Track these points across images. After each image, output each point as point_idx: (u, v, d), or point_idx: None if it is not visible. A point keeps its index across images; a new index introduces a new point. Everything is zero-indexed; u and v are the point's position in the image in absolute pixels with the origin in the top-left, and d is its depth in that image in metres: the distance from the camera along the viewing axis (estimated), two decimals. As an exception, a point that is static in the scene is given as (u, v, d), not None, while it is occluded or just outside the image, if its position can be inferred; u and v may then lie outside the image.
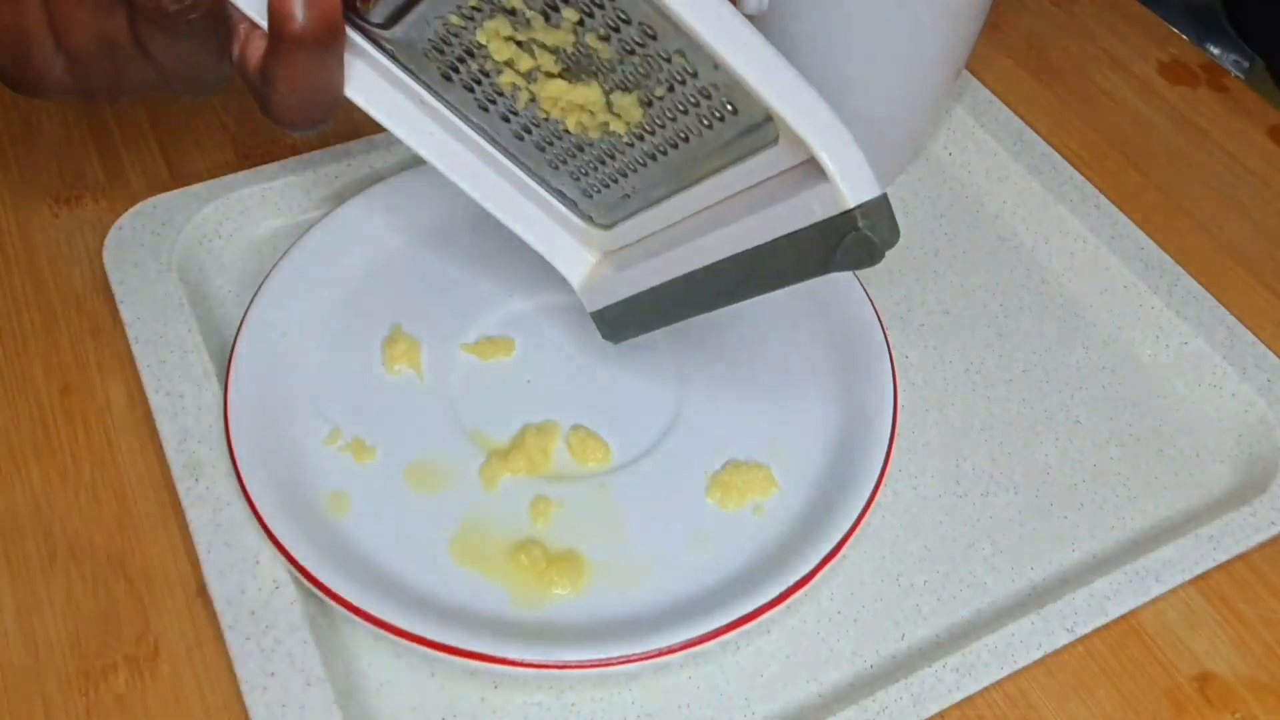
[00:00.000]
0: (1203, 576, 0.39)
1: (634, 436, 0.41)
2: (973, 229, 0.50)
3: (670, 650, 0.34)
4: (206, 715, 0.34)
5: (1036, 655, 0.36)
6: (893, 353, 0.42)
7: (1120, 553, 0.40)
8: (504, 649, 0.34)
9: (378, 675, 0.36)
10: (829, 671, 0.37)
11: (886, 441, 0.39)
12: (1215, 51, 0.66)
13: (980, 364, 0.45)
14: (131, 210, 0.45)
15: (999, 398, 0.44)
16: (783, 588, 0.35)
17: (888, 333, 0.42)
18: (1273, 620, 0.39)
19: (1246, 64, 0.65)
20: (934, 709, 0.35)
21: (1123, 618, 0.38)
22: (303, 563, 0.35)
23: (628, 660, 0.34)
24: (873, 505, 0.38)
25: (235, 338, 0.40)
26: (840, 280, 0.44)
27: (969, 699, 0.35)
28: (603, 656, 0.34)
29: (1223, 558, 0.39)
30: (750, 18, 0.45)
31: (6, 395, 0.41)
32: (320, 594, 0.35)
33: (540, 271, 0.44)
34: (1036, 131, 0.52)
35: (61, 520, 0.38)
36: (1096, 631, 0.37)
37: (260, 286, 0.42)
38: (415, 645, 0.34)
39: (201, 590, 0.37)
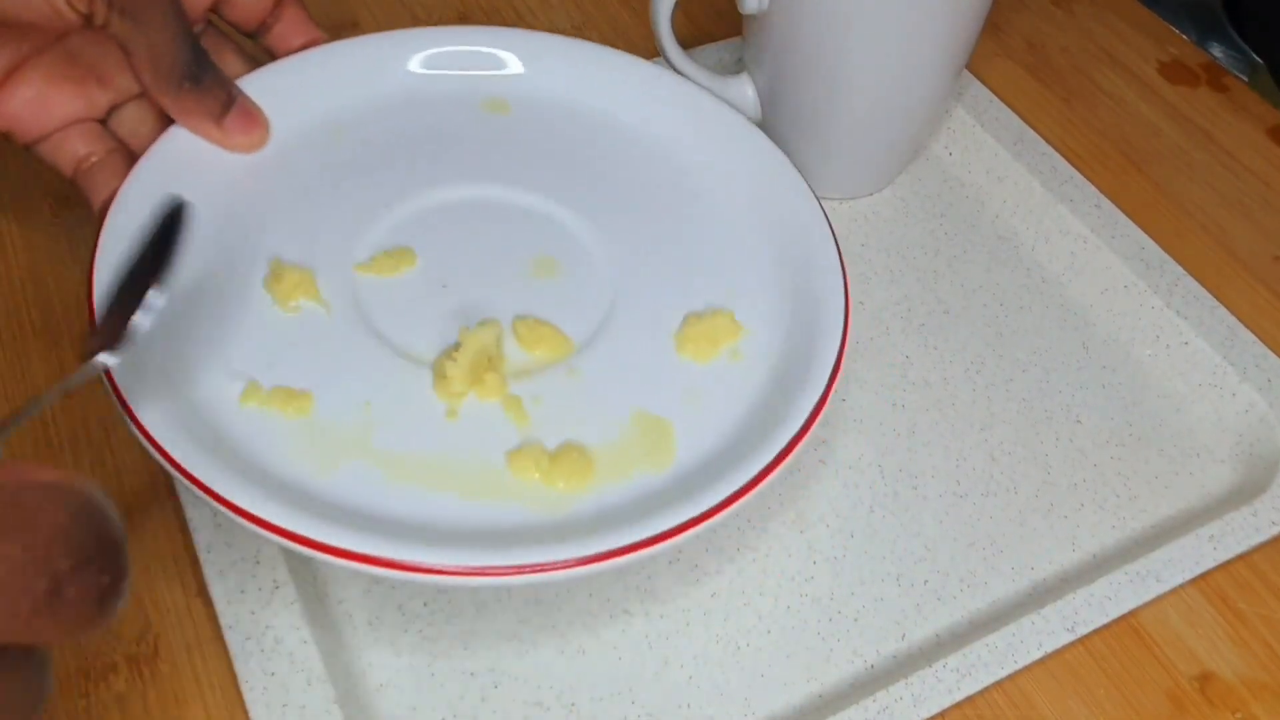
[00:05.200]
0: (1203, 576, 0.39)
1: (580, 315, 0.38)
2: (973, 229, 0.50)
3: (722, 507, 0.32)
4: (206, 715, 0.34)
5: (1037, 655, 0.36)
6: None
7: (1120, 552, 0.40)
8: (539, 555, 0.31)
9: (378, 675, 0.36)
10: (829, 671, 0.37)
11: (838, 262, 0.39)
12: (1216, 52, 0.66)
13: (980, 364, 0.45)
14: (131, 210, 0.45)
15: (999, 397, 0.44)
16: (804, 417, 0.34)
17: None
18: (1273, 620, 0.39)
19: (1247, 64, 0.65)
20: (934, 709, 0.35)
21: (1123, 617, 0.38)
22: (295, 530, 0.31)
23: (684, 528, 0.32)
24: (850, 314, 0.38)
25: (89, 320, 0.34)
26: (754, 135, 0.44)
27: (969, 699, 0.35)
28: (651, 534, 0.32)
29: (1223, 557, 0.39)
30: (749, 16, 0.45)
31: (6, 395, 0.41)
32: (322, 555, 0.31)
33: (413, 171, 0.41)
34: (1036, 131, 0.52)
35: (61, 520, 0.38)
36: (1097, 631, 0.37)
37: (94, 258, 0.36)
38: (445, 577, 0.31)
39: (201, 590, 0.37)
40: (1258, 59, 0.65)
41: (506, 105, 0.45)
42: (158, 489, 0.39)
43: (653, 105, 0.45)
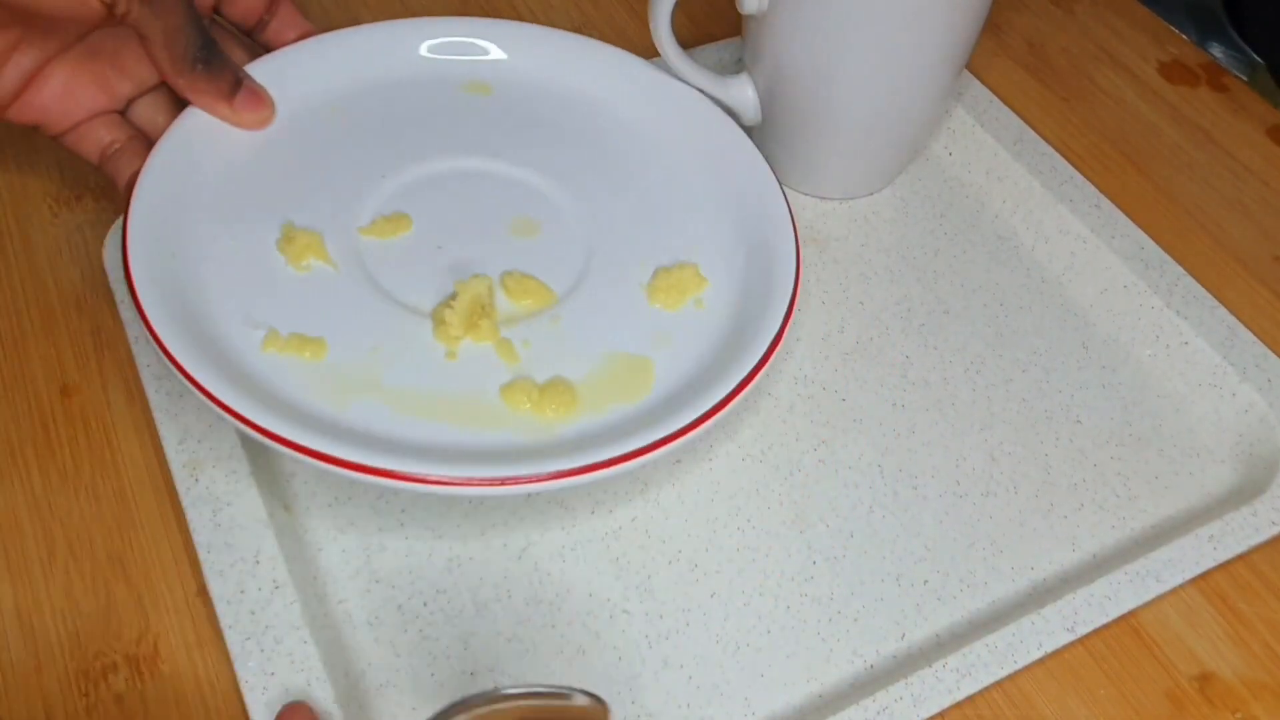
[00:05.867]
0: (1203, 576, 0.39)
1: (560, 270, 0.42)
2: (973, 229, 0.50)
3: (686, 431, 0.36)
4: (206, 715, 0.34)
5: (1037, 655, 0.36)
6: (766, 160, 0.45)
7: (1120, 552, 0.40)
8: (543, 466, 0.35)
9: (377, 675, 0.36)
10: (829, 671, 0.37)
11: (789, 222, 0.43)
12: (1216, 52, 0.66)
13: (980, 364, 0.45)
14: (131, 210, 0.45)
15: (999, 397, 0.44)
16: (759, 356, 0.38)
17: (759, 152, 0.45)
18: (1273, 620, 0.39)
19: (1247, 64, 0.65)
20: (934, 709, 0.35)
21: (1123, 617, 0.38)
22: (326, 451, 0.34)
23: (656, 446, 0.36)
24: (801, 268, 0.41)
25: (128, 273, 0.37)
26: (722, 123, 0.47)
27: (969, 699, 0.35)
28: (628, 450, 0.35)
29: (1223, 557, 0.39)
30: (749, 16, 0.45)
31: (6, 395, 0.41)
32: (347, 471, 0.34)
33: (405, 145, 0.45)
34: (1036, 131, 0.52)
35: (61, 520, 0.38)
36: (1097, 631, 0.37)
37: (127, 222, 0.39)
38: (454, 488, 0.34)
39: (201, 590, 0.37)
40: (1258, 59, 0.65)
41: (489, 87, 0.48)
42: (158, 488, 0.39)
43: (621, 85, 0.48)
